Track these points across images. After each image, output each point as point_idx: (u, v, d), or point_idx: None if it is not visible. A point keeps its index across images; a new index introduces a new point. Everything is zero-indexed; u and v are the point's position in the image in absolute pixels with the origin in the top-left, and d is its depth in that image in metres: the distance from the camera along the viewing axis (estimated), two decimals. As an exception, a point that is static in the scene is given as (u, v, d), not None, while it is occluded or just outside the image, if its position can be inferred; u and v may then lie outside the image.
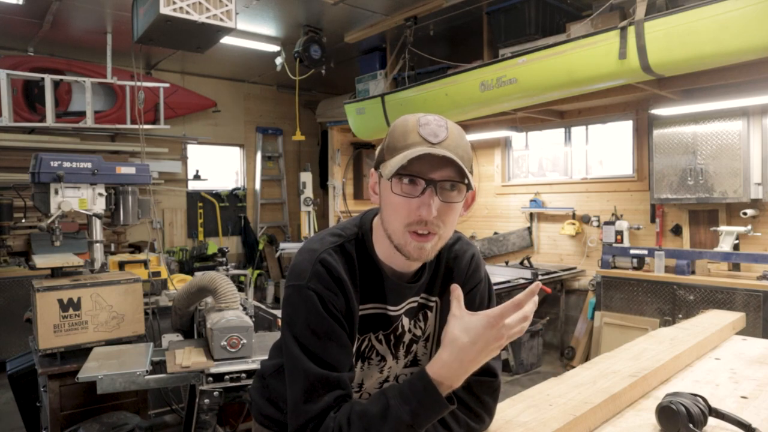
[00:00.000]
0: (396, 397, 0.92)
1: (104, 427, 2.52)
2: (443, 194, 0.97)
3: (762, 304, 3.84)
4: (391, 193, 0.99)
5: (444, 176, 0.96)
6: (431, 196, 0.96)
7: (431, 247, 1.00)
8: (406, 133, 0.98)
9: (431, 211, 0.96)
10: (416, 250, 1.00)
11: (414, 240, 0.99)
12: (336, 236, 1.10)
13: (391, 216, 1.01)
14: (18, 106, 5.34)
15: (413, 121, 1.00)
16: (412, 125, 0.99)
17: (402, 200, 0.98)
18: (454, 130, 1.00)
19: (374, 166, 1.06)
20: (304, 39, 5.10)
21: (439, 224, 0.99)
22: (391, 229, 1.01)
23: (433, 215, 0.96)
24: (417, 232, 0.98)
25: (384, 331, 1.14)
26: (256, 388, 1.38)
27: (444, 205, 0.98)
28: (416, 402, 0.91)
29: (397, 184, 0.98)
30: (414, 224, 0.98)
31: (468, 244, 1.22)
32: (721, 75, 3.83)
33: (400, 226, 0.99)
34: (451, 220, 1.01)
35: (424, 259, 1.03)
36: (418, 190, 0.97)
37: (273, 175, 7.91)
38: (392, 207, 1.00)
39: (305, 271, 1.03)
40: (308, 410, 0.97)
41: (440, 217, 0.98)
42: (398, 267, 1.10)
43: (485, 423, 1.11)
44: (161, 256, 4.04)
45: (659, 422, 1.16)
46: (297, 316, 1.02)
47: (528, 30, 4.28)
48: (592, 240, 5.46)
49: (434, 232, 0.99)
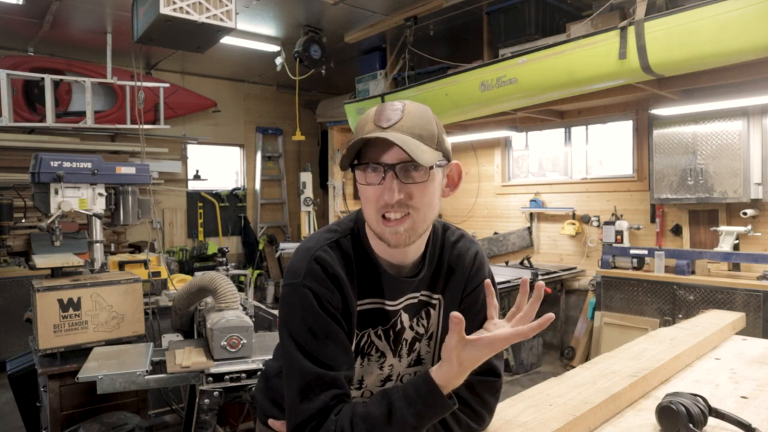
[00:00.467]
0: (400, 400, 0.93)
1: (104, 427, 2.52)
2: (405, 176, 0.98)
3: (762, 304, 3.84)
4: (360, 184, 1.02)
5: (398, 158, 0.97)
6: (391, 180, 0.97)
7: (405, 230, 1.00)
8: (365, 123, 1.01)
9: (393, 195, 0.97)
10: (392, 236, 1.00)
11: (387, 226, 1.00)
12: (331, 232, 1.10)
13: (365, 206, 1.04)
14: (18, 106, 5.34)
15: (372, 110, 1.02)
16: (371, 115, 1.01)
17: (369, 189, 1.00)
18: (413, 110, 1.00)
19: None
20: (304, 39, 5.10)
21: (409, 206, 0.99)
22: (368, 219, 1.04)
23: (395, 199, 0.97)
24: (388, 217, 1.00)
25: (383, 326, 1.13)
26: (260, 389, 1.38)
27: (407, 186, 0.98)
28: (421, 404, 0.91)
29: (361, 174, 1.00)
30: (382, 209, 0.99)
31: (471, 242, 1.21)
32: (721, 75, 3.83)
33: (372, 214, 1.02)
34: (425, 201, 1.01)
35: (403, 243, 1.02)
36: (379, 177, 0.98)
37: (273, 175, 7.91)
38: (364, 197, 1.03)
39: (300, 269, 1.03)
40: (305, 409, 0.97)
41: (409, 198, 0.99)
42: (394, 260, 1.10)
43: (486, 422, 1.11)
44: (161, 256, 4.04)
45: (659, 422, 1.16)
46: (293, 315, 1.02)
47: (528, 30, 4.28)
48: (592, 240, 5.46)
49: (406, 214, 0.99)
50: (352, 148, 0.98)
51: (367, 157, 0.99)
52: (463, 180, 1.13)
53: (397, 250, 1.06)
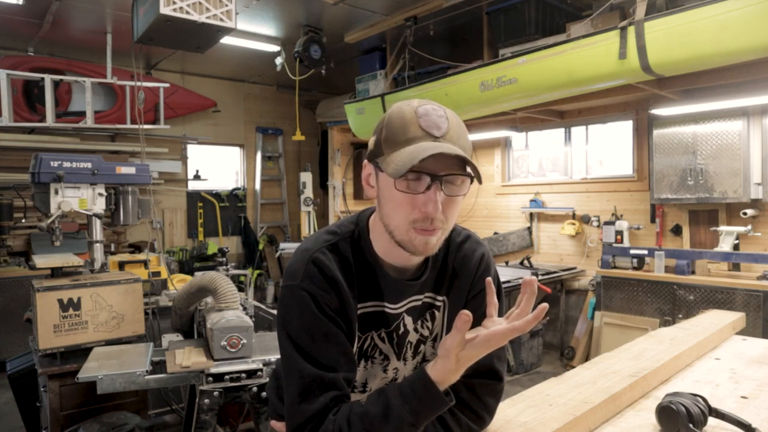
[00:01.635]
0: (396, 397, 0.92)
1: (104, 427, 2.52)
2: (448, 188, 0.95)
3: (762, 304, 3.84)
4: (394, 189, 0.95)
5: (449, 170, 0.94)
6: (436, 192, 0.94)
7: (436, 240, 0.99)
8: (405, 126, 0.95)
9: (437, 207, 0.94)
10: (422, 245, 0.98)
11: (419, 235, 0.97)
12: (331, 234, 1.09)
13: (393, 212, 0.98)
14: (18, 106, 5.34)
15: (410, 111, 0.96)
16: (410, 116, 0.95)
17: (406, 196, 0.95)
18: (453, 119, 0.97)
19: (368, 157, 1.03)
20: (304, 39, 5.10)
21: (444, 218, 0.97)
22: (393, 225, 0.99)
23: (439, 211, 0.94)
24: (423, 228, 0.96)
25: (386, 329, 1.12)
26: (271, 387, 1.39)
27: (448, 198, 0.96)
28: (416, 401, 0.91)
29: (401, 180, 0.94)
30: (419, 221, 0.95)
31: (477, 243, 1.18)
32: (721, 75, 3.83)
33: (403, 222, 0.97)
34: (454, 212, 1.00)
35: (429, 252, 1.01)
36: (423, 186, 0.94)
37: (273, 175, 7.90)
38: (395, 203, 0.97)
39: (298, 271, 1.02)
40: (304, 411, 0.97)
41: (444, 210, 0.96)
42: (398, 263, 1.08)
43: (486, 424, 1.11)
44: (161, 256, 4.04)
45: (659, 422, 1.16)
46: (291, 317, 1.02)
47: (528, 30, 4.28)
48: (592, 240, 5.46)
49: (439, 227, 0.98)
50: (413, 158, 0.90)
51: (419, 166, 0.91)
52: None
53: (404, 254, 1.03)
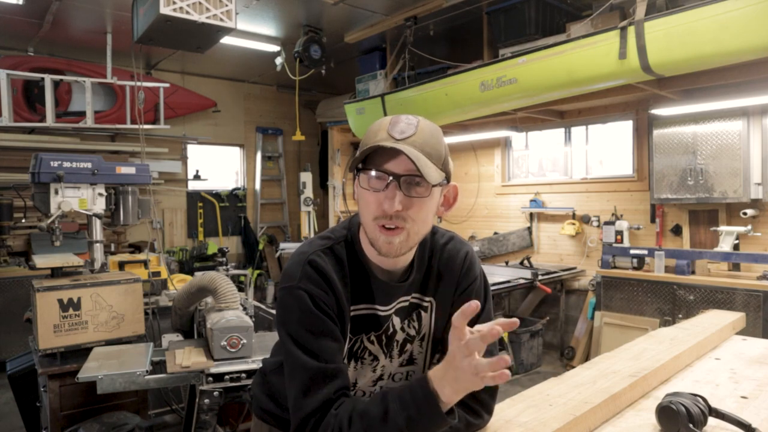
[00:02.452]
0: (395, 401, 0.93)
1: (104, 427, 2.52)
2: (408, 189, 1.00)
3: (762, 304, 3.84)
4: (360, 187, 1.03)
5: (407, 170, 0.99)
6: (394, 190, 0.99)
7: (400, 242, 1.02)
8: (377, 132, 1.02)
9: (393, 204, 0.98)
10: (385, 245, 1.02)
11: (382, 234, 1.02)
12: (325, 239, 1.13)
13: (362, 210, 1.06)
14: (18, 106, 5.34)
15: (386, 120, 1.03)
16: (384, 124, 1.03)
17: (369, 194, 1.02)
18: (426, 128, 1.02)
19: None
20: (304, 39, 5.10)
21: (406, 218, 1.01)
22: (364, 223, 1.06)
23: (395, 209, 0.99)
24: (385, 225, 1.01)
25: (376, 332, 1.15)
26: (257, 384, 1.42)
27: (408, 199, 1.00)
28: (414, 409, 0.91)
29: (364, 178, 1.02)
30: (380, 218, 1.01)
31: (461, 243, 1.23)
32: (721, 75, 3.83)
33: (369, 219, 1.03)
34: (421, 215, 1.03)
35: (394, 253, 1.04)
36: (383, 185, 1.00)
37: (273, 175, 7.91)
38: (363, 201, 1.04)
39: (296, 272, 1.06)
40: (309, 404, 0.99)
41: (406, 211, 1.00)
42: (386, 265, 1.12)
43: (484, 419, 1.12)
44: (161, 256, 4.04)
45: (659, 422, 1.16)
46: (290, 316, 1.05)
47: (528, 30, 4.28)
48: (592, 240, 5.45)
49: (401, 227, 1.01)
50: (364, 152, 1.00)
51: (375, 163, 1.01)
52: (463, 180, 1.14)
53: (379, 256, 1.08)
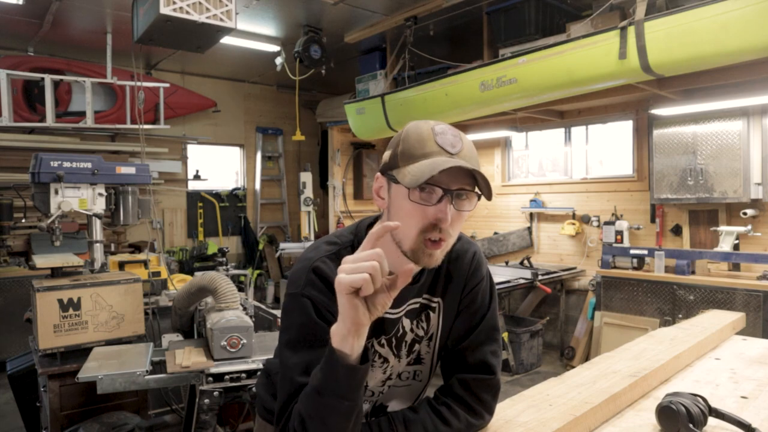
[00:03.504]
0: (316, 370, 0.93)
1: (104, 427, 2.52)
2: (457, 203, 1.00)
3: (762, 304, 3.84)
4: (407, 199, 0.99)
5: (460, 185, 0.99)
6: (447, 204, 0.98)
7: (440, 253, 1.03)
8: (422, 141, 1.00)
9: (447, 218, 0.98)
10: (427, 257, 1.01)
11: (427, 248, 1.00)
12: (332, 244, 1.12)
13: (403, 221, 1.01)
14: (18, 106, 5.34)
15: (427, 129, 1.02)
16: (428, 134, 1.01)
17: (417, 208, 0.99)
18: (467, 141, 1.04)
19: (381, 170, 1.07)
20: (304, 39, 5.10)
21: (450, 231, 1.01)
22: (404, 235, 1.01)
23: (448, 223, 0.98)
24: (431, 239, 1.00)
25: (386, 335, 1.15)
26: (261, 384, 1.42)
27: (456, 213, 1.00)
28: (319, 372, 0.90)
29: (415, 191, 0.98)
30: (429, 230, 0.99)
31: (469, 243, 1.23)
32: (721, 75, 3.83)
33: (413, 231, 1.00)
34: (459, 227, 1.05)
35: (432, 265, 1.04)
36: (434, 198, 0.98)
37: (273, 175, 7.90)
38: (405, 212, 1.01)
39: (300, 279, 1.06)
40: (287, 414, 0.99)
41: (451, 224, 1.00)
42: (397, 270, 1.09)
43: (485, 419, 1.12)
44: (161, 256, 4.04)
45: (659, 422, 1.16)
46: (292, 323, 1.05)
47: (528, 30, 4.28)
48: (592, 240, 5.45)
49: (445, 239, 1.01)
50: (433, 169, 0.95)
51: (434, 179, 0.97)
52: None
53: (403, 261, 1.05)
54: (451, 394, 1.12)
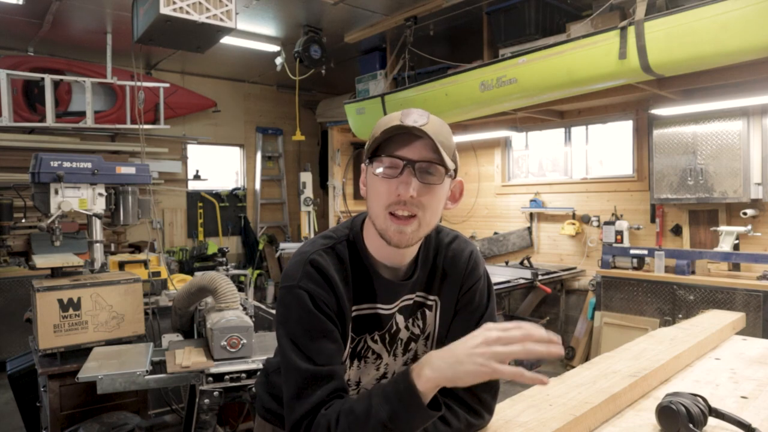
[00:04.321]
0: (378, 396, 0.92)
1: (104, 427, 2.52)
2: (422, 176, 1.00)
3: (762, 304, 3.84)
4: (373, 176, 1.02)
5: (422, 156, 0.99)
6: (409, 176, 0.99)
7: (411, 231, 1.02)
8: (389, 122, 1.02)
9: (408, 189, 0.98)
10: (396, 234, 1.01)
11: (394, 223, 1.01)
12: (327, 239, 1.12)
13: (373, 200, 1.04)
14: (18, 106, 5.33)
15: (397, 113, 1.03)
16: (395, 115, 1.03)
17: (382, 181, 1.01)
18: (436, 121, 1.03)
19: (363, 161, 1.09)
20: (304, 39, 5.10)
21: (419, 206, 1.00)
22: (374, 214, 1.04)
23: (410, 194, 0.98)
24: (396, 214, 1.00)
25: (379, 331, 1.15)
26: (260, 383, 1.42)
27: (423, 186, 1.00)
28: (396, 401, 0.89)
29: (378, 164, 1.01)
30: (393, 204, 1.00)
31: (466, 242, 1.23)
32: (721, 75, 3.83)
33: (381, 208, 1.02)
34: (433, 204, 1.03)
35: (405, 243, 1.03)
36: (397, 171, 0.99)
37: (273, 175, 7.90)
38: (373, 190, 1.04)
39: (297, 272, 1.06)
40: (301, 406, 0.98)
41: (419, 198, 1.00)
42: (391, 262, 1.11)
43: (485, 419, 1.12)
44: (161, 256, 4.04)
45: (659, 422, 1.16)
46: (289, 316, 1.05)
47: (528, 30, 4.28)
48: (592, 240, 5.45)
49: (414, 214, 1.01)
50: (382, 134, 0.99)
51: (388, 151, 1.00)
52: (463, 180, 1.14)
53: (395, 252, 1.07)
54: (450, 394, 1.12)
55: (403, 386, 0.89)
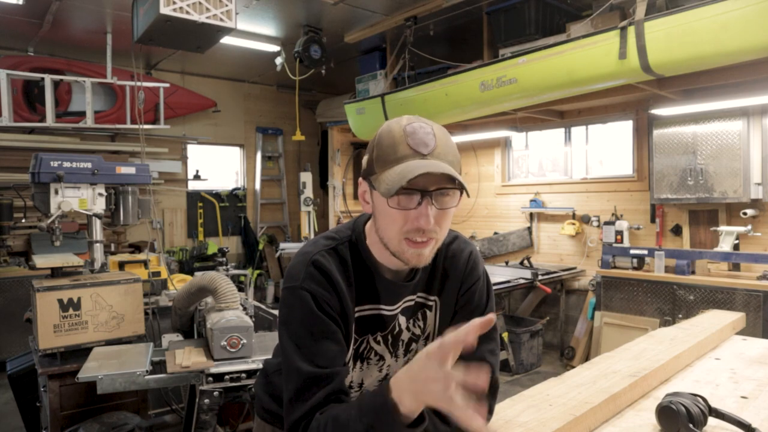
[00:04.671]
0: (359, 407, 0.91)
1: (104, 427, 2.52)
2: (438, 201, 0.99)
3: (762, 304, 3.84)
4: (387, 206, 0.99)
5: (438, 185, 0.98)
6: (428, 206, 0.97)
7: (429, 251, 1.02)
8: (394, 146, 0.98)
9: (429, 221, 0.97)
10: (414, 257, 1.01)
11: (411, 247, 1.00)
12: (329, 239, 1.12)
13: (387, 225, 1.02)
14: (18, 106, 5.33)
15: (399, 131, 0.99)
16: (399, 136, 0.99)
17: (398, 212, 0.99)
18: (441, 135, 1.01)
19: (362, 175, 1.06)
20: (304, 39, 5.10)
21: (436, 230, 1.00)
22: (387, 237, 1.03)
23: (431, 225, 0.98)
24: (414, 239, 0.99)
25: (382, 332, 1.15)
26: (259, 384, 1.42)
27: (440, 211, 0.99)
28: (373, 416, 0.88)
29: (393, 198, 0.98)
30: (411, 232, 0.99)
31: (465, 243, 1.23)
32: (721, 75, 3.83)
33: (396, 234, 1.00)
34: (447, 223, 1.03)
35: (422, 263, 1.04)
36: (414, 201, 0.97)
37: (273, 175, 7.90)
38: (388, 217, 1.01)
39: (299, 272, 1.06)
40: (300, 408, 0.98)
41: (437, 223, 1.00)
42: (394, 266, 1.11)
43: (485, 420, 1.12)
44: (161, 256, 4.04)
45: (659, 422, 1.16)
46: (292, 317, 1.04)
47: (528, 30, 4.28)
48: (592, 240, 5.45)
49: (432, 238, 1.01)
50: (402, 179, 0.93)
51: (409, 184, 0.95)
52: (463, 180, 1.13)
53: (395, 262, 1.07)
54: None
55: (381, 402, 0.88)
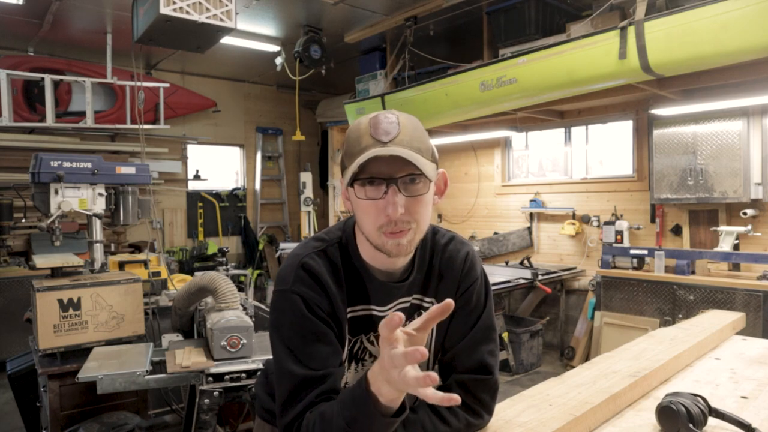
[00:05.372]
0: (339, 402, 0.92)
1: (104, 427, 2.52)
2: (407, 189, 0.98)
3: (762, 304, 3.84)
4: (357, 198, 1.00)
5: (400, 172, 0.97)
6: (394, 194, 0.97)
7: (408, 241, 1.01)
8: (360, 137, 0.99)
9: (397, 209, 0.97)
10: (394, 247, 1.01)
11: (389, 238, 1.00)
12: (319, 241, 1.12)
13: (363, 220, 1.03)
14: (18, 106, 5.34)
15: (365, 123, 1.00)
16: (364, 128, 0.99)
17: (369, 203, 0.99)
18: (407, 124, 1.00)
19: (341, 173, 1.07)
20: (304, 39, 5.10)
21: (410, 219, 1.00)
22: (366, 232, 1.03)
23: (399, 213, 0.97)
24: (391, 231, 0.99)
25: (374, 332, 1.14)
26: (260, 384, 1.43)
27: (410, 199, 0.98)
28: (354, 409, 0.89)
29: (360, 189, 0.99)
30: (385, 225, 0.99)
31: (462, 243, 1.21)
32: (721, 75, 3.83)
33: (372, 228, 1.01)
34: (422, 211, 1.02)
35: (403, 253, 1.03)
36: (381, 191, 0.97)
37: (273, 175, 7.91)
38: (362, 211, 1.01)
39: (289, 275, 1.06)
40: (293, 411, 0.99)
41: (409, 211, 0.99)
42: (384, 267, 1.10)
43: (484, 420, 1.12)
44: (161, 256, 4.04)
45: (659, 422, 1.16)
46: (283, 320, 1.05)
47: (528, 30, 4.28)
48: (592, 240, 5.45)
49: (406, 228, 1.00)
50: (357, 164, 0.95)
51: (371, 171, 0.97)
52: (463, 180, 1.13)
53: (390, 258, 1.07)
54: None
55: (359, 393, 0.88)
